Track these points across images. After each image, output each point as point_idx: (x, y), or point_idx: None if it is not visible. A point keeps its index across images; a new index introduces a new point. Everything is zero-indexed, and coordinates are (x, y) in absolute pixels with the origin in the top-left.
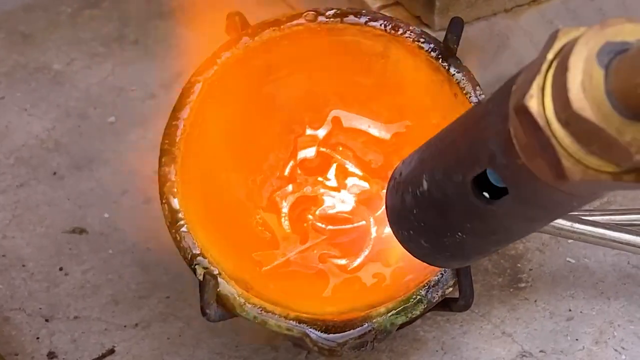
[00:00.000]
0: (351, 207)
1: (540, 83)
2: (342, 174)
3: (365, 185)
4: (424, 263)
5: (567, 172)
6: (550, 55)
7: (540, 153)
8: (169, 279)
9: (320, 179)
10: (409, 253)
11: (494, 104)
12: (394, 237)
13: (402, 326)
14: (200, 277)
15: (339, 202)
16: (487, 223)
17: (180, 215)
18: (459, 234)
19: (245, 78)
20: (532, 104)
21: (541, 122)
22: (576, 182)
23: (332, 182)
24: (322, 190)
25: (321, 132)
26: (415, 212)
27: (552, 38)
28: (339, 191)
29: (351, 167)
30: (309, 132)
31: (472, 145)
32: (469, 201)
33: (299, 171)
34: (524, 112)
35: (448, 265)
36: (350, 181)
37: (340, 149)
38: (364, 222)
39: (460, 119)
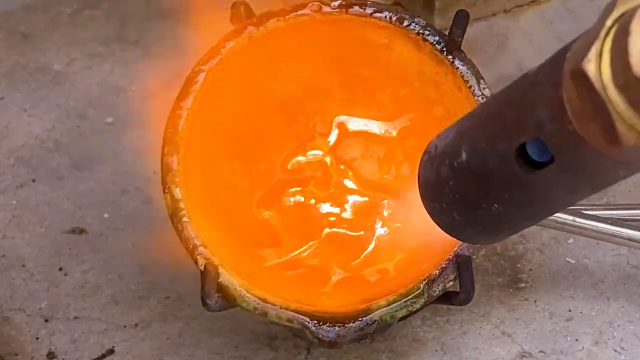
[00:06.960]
0: (352, 216)
1: (598, 48)
2: (344, 186)
3: (364, 199)
4: (453, 237)
5: (620, 136)
6: (608, 22)
7: (594, 118)
8: (169, 279)
9: (323, 185)
10: (438, 227)
11: (543, 73)
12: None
13: (402, 319)
14: (202, 268)
15: (341, 209)
16: (527, 194)
17: (182, 205)
18: (495, 205)
19: (249, 68)
20: (590, 67)
21: (598, 85)
22: (628, 147)
23: (335, 190)
24: (323, 195)
25: (328, 140)
26: (451, 183)
27: (610, 6)
28: (341, 199)
29: (350, 184)
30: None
31: (519, 113)
32: (511, 171)
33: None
34: (580, 76)
35: (476, 240)
36: (351, 197)
37: (346, 157)
38: (363, 233)
39: (503, 91)
